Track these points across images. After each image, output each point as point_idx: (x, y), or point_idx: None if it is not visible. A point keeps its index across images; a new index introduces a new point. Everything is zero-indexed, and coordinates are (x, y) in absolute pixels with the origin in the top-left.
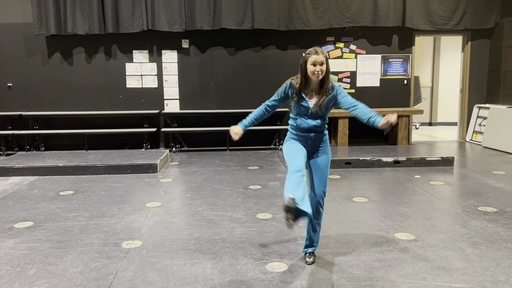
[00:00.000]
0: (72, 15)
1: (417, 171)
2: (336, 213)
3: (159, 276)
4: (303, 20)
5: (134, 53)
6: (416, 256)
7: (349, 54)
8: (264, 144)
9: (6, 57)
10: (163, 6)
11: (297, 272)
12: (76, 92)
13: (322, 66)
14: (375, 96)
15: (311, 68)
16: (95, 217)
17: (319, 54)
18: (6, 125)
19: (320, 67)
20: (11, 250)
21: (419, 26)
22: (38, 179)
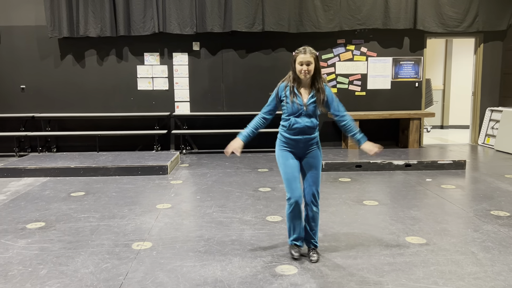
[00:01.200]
0: (85, 17)
1: (428, 175)
2: (346, 216)
3: (169, 278)
4: (314, 23)
5: (145, 56)
6: (427, 260)
7: (360, 56)
8: (274, 146)
9: (20, 59)
10: (174, 9)
11: (306, 275)
12: (88, 94)
13: (309, 66)
14: (386, 99)
15: (298, 67)
16: (106, 218)
17: (306, 54)
18: (19, 127)
19: (307, 67)
20: (23, 250)
21: (430, 29)
22: (50, 180)
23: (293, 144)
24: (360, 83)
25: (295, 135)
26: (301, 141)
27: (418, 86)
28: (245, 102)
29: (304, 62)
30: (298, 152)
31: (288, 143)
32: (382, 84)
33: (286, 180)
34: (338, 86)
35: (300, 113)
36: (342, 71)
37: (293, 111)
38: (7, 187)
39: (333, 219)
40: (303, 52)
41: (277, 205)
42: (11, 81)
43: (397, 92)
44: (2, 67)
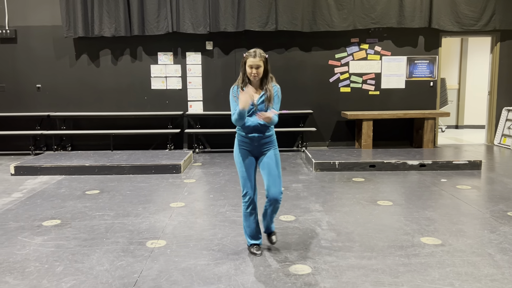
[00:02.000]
0: (99, 17)
1: (443, 175)
2: (360, 216)
3: (183, 276)
4: (327, 22)
5: (159, 55)
6: (443, 261)
7: (373, 55)
8: (286, 146)
9: (36, 58)
10: (188, 9)
11: (320, 275)
12: (102, 93)
13: (258, 69)
14: (400, 98)
15: (248, 70)
16: (120, 216)
17: (256, 58)
18: (35, 125)
19: (256, 70)
20: (39, 247)
21: (446, 27)
22: (65, 178)
23: (248, 143)
24: (374, 82)
25: (249, 133)
26: (255, 139)
27: (433, 86)
28: None
29: (253, 65)
30: (253, 151)
31: (244, 142)
32: (396, 83)
33: (242, 178)
34: (351, 85)
35: (252, 112)
36: (356, 70)
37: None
38: (24, 185)
39: (347, 219)
40: (253, 56)
41: (290, 205)
42: (27, 80)
43: (412, 91)
44: (19, 67)
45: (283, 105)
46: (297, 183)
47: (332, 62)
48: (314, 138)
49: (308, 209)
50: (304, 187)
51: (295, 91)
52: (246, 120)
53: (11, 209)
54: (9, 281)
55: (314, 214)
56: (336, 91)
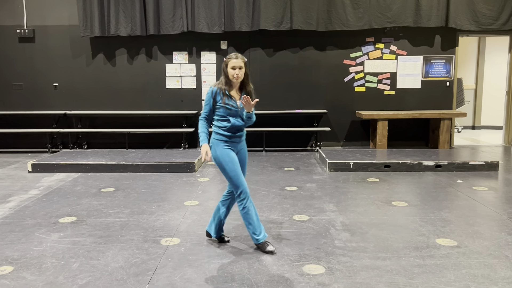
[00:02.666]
0: (116, 17)
1: (459, 176)
2: (374, 216)
3: (197, 274)
4: (343, 21)
5: (174, 55)
6: (459, 263)
7: (389, 55)
8: (300, 145)
9: (53, 58)
10: (203, 8)
11: (334, 275)
12: (118, 92)
13: (240, 70)
14: (416, 98)
15: (231, 71)
16: (135, 214)
17: (238, 59)
18: (52, 124)
19: (239, 71)
20: (56, 244)
21: (463, 26)
22: (81, 176)
23: (233, 142)
24: (389, 82)
25: (235, 133)
26: (238, 138)
27: (449, 85)
28: (271, 100)
29: (236, 66)
30: (235, 149)
31: (229, 142)
32: (412, 83)
33: (235, 175)
34: (366, 85)
35: (234, 114)
36: (371, 70)
37: (231, 112)
38: (41, 182)
39: (361, 219)
40: (235, 58)
41: (304, 204)
42: (44, 79)
43: (428, 91)
44: (37, 66)
45: (297, 104)
46: (311, 182)
47: (347, 62)
48: (328, 138)
49: (322, 209)
50: (318, 187)
51: (310, 91)
52: (234, 122)
53: (28, 206)
54: (27, 277)
55: (328, 214)
56: (351, 90)
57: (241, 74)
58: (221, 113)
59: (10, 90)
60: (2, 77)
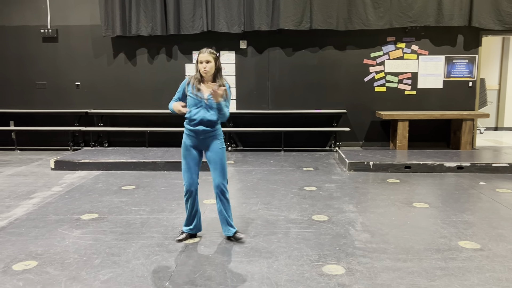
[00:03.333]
0: (136, 17)
1: (482, 178)
2: (395, 218)
3: (217, 272)
4: (363, 20)
5: (194, 54)
6: (482, 266)
7: (410, 54)
8: (319, 145)
9: (76, 57)
10: (223, 8)
11: (354, 276)
12: (139, 91)
13: (208, 64)
14: (437, 98)
15: (199, 65)
16: (155, 212)
17: (205, 53)
18: (74, 122)
19: (206, 64)
20: (78, 240)
21: (487, 26)
22: (102, 173)
23: (193, 136)
24: (410, 82)
25: (194, 126)
26: (199, 132)
27: (472, 86)
28: (290, 100)
29: (203, 60)
30: (199, 145)
31: (189, 135)
32: (434, 83)
33: (183, 170)
34: (387, 84)
35: (200, 106)
36: (392, 70)
37: (194, 103)
38: (63, 179)
39: (381, 220)
40: (203, 52)
41: (323, 205)
42: (67, 78)
43: (450, 91)
44: (60, 65)
45: (316, 104)
46: (330, 183)
47: (367, 61)
48: (347, 138)
49: (341, 210)
50: (337, 187)
51: (329, 90)
52: (193, 113)
53: (51, 202)
54: (50, 272)
55: (347, 215)
56: (371, 90)
57: (209, 68)
58: (188, 103)
59: (34, 88)
60: (26, 76)
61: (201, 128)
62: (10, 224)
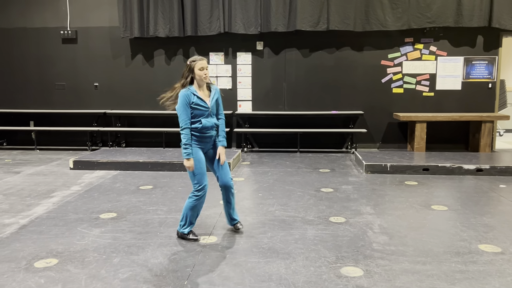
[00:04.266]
0: (154, 18)
1: (502, 181)
2: (413, 220)
3: (234, 272)
4: (381, 21)
5: (211, 55)
6: (503, 270)
7: (428, 55)
8: (335, 147)
9: (94, 58)
10: (240, 9)
11: (373, 278)
12: (156, 92)
13: (207, 70)
14: (456, 100)
15: (200, 72)
16: (173, 212)
17: (203, 60)
18: (92, 122)
19: (207, 71)
20: (97, 239)
21: (507, 26)
22: (120, 173)
23: (203, 142)
24: (428, 83)
25: (205, 133)
26: (209, 137)
27: (492, 87)
28: (306, 101)
29: (204, 67)
30: (205, 148)
31: (198, 141)
32: (452, 84)
33: (199, 174)
34: (404, 86)
35: (208, 114)
36: (410, 71)
37: (202, 112)
38: (82, 179)
39: (399, 223)
40: (200, 59)
41: (340, 206)
42: (85, 79)
43: (468, 93)
44: (79, 66)
45: (332, 105)
46: (347, 184)
47: (384, 62)
48: (364, 139)
49: (359, 212)
50: (354, 189)
51: (346, 92)
52: (205, 122)
53: (70, 201)
54: (71, 269)
55: (365, 217)
56: (389, 91)
57: (208, 73)
58: (193, 114)
59: (53, 89)
60: (46, 76)
61: (214, 132)
62: (31, 222)
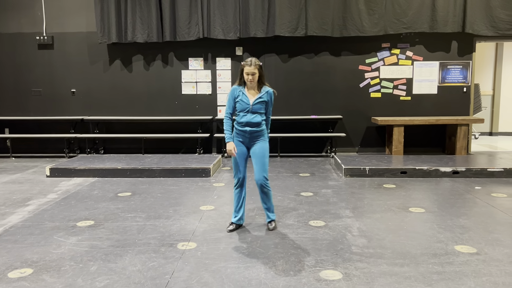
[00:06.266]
0: (132, 24)
1: (477, 182)
2: (391, 223)
3: (214, 278)
4: (358, 27)
5: (190, 61)
6: (479, 271)
7: (405, 60)
8: (315, 151)
9: (71, 64)
10: (219, 15)
11: (352, 281)
12: (134, 98)
13: (253, 75)
14: (432, 104)
15: (245, 76)
16: (151, 218)
17: (251, 66)
18: (69, 129)
19: (252, 76)
20: (74, 247)
21: (480, 32)
22: (98, 180)
23: (242, 135)
24: (405, 88)
25: (243, 127)
26: (247, 132)
27: (466, 91)
28: (286, 106)
29: (249, 73)
30: (245, 142)
31: (238, 134)
32: (428, 88)
33: (235, 166)
34: (382, 90)
35: (247, 110)
36: (387, 76)
37: (242, 108)
38: (58, 187)
39: (378, 225)
40: (249, 65)
41: (319, 210)
42: (62, 85)
43: (444, 97)
44: (55, 72)
45: (312, 110)
46: (327, 188)
47: (362, 67)
48: (343, 143)
49: (338, 215)
50: (334, 193)
51: (325, 96)
52: (242, 116)
53: (46, 209)
54: (46, 279)
55: (344, 220)
56: (366, 96)
57: (254, 78)
58: (236, 108)
59: (29, 95)
60: (22, 83)
61: (248, 129)
62: (5, 231)
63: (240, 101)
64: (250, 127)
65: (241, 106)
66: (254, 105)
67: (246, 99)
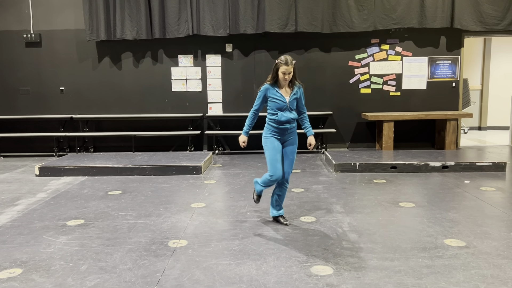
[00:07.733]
0: (121, 21)
1: (466, 177)
2: (382, 217)
3: (205, 275)
4: (348, 23)
5: (180, 58)
6: (467, 264)
7: (394, 56)
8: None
9: (60, 62)
10: (208, 11)
11: (342, 276)
12: (124, 95)
13: (289, 74)
14: (421, 99)
15: (281, 75)
16: (142, 216)
17: (289, 66)
18: (58, 127)
19: (288, 75)
20: (64, 246)
21: (468, 27)
22: (88, 179)
23: (279, 132)
24: (394, 83)
25: (282, 125)
26: (288, 129)
27: (455, 86)
28: None
29: (286, 72)
30: (282, 138)
31: (276, 131)
32: (418, 84)
33: (272, 161)
34: (372, 86)
35: (285, 108)
36: (376, 71)
37: (279, 106)
38: (48, 186)
39: (368, 220)
40: (285, 64)
41: (310, 206)
42: (51, 83)
43: (433, 92)
44: (43, 70)
45: None
46: (317, 184)
47: (352, 63)
48: (334, 139)
49: (329, 210)
50: (325, 189)
51: (315, 92)
52: (281, 115)
53: (36, 209)
54: (36, 279)
55: (335, 216)
56: (357, 92)
57: (290, 77)
58: (272, 106)
59: (17, 94)
60: (9, 81)
61: (288, 126)
62: None
63: (276, 100)
64: (290, 124)
65: (277, 105)
66: (290, 102)
67: (282, 97)
